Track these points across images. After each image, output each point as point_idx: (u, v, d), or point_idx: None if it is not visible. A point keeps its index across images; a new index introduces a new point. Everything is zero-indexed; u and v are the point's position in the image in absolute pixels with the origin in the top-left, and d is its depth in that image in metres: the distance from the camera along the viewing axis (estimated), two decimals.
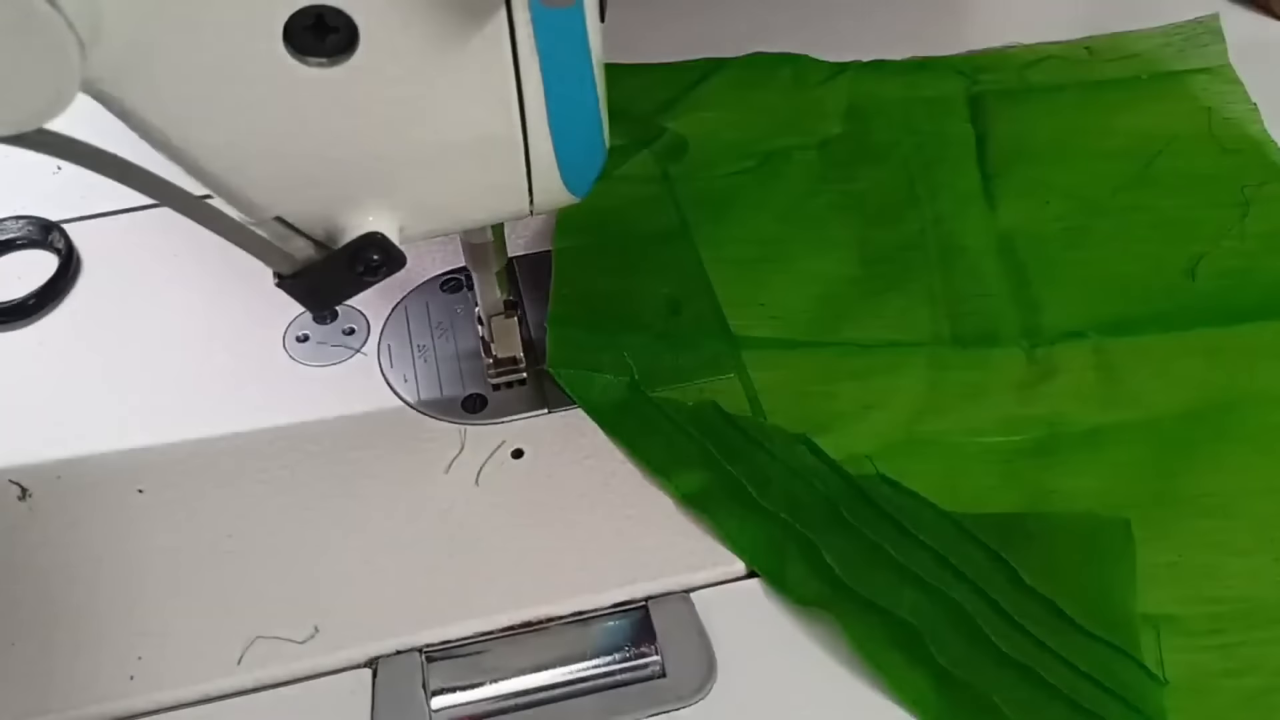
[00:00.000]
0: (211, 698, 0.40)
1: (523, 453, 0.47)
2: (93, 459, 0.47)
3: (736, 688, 0.40)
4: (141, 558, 0.44)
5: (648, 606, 0.42)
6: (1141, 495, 0.45)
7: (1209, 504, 0.44)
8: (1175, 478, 0.45)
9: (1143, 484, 0.45)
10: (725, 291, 0.52)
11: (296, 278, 0.37)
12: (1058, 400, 0.48)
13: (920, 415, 0.47)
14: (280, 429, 0.48)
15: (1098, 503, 0.44)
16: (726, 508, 0.44)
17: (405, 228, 0.38)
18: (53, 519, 0.45)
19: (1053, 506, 0.45)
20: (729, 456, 0.45)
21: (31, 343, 0.52)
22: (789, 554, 0.43)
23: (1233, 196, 0.56)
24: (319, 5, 0.32)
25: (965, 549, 0.42)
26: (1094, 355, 0.49)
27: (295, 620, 0.42)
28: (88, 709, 0.40)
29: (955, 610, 0.41)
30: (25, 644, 0.42)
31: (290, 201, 0.36)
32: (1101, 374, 0.49)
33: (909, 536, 0.43)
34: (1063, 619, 0.40)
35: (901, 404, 0.48)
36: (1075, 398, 0.48)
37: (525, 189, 0.39)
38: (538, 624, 0.42)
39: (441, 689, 0.40)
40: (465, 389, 0.49)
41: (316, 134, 0.35)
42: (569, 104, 0.37)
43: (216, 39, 0.32)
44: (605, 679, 0.41)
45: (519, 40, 0.35)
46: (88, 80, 0.30)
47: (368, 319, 0.52)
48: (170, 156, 0.34)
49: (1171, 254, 0.53)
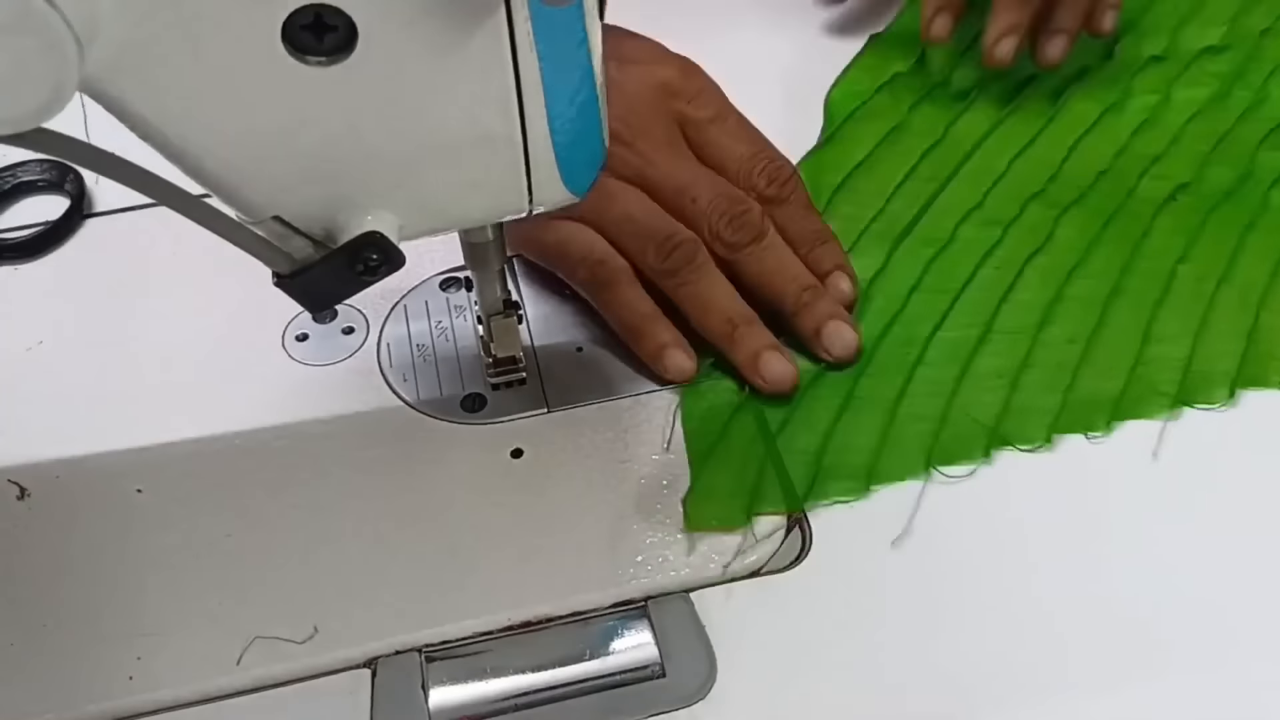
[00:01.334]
0: (211, 697, 0.40)
1: (522, 452, 0.47)
2: (92, 459, 0.47)
3: (736, 688, 0.40)
4: (141, 558, 0.44)
5: (648, 606, 0.42)
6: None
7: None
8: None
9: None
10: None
11: (295, 277, 0.37)
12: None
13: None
14: (280, 428, 0.48)
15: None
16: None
17: (404, 227, 0.38)
18: (52, 519, 0.45)
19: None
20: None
21: (32, 342, 0.52)
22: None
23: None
24: (317, 4, 0.32)
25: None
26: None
27: (295, 620, 0.42)
28: (87, 709, 0.40)
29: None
30: (25, 644, 0.42)
31: (289, 201, 0.36)
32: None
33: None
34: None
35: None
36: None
37: (525, 188, 0.39)
38: (537, 624, 0.42)
39: (441, 689, 0.40)
40: (465, 388, 0.49)
41: (315, 133, 0.35)
42: (569, 103, 0.37)
43: (215, 38, 0.32)
44: (605, 679, 0.40)
45: (518, 39, 0.35)
46: (86, 79, 0.30)
47: (367, 318, 0.52)
48: (168, 155, 0.34)
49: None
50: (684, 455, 0.46)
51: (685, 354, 0.48)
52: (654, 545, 0.43)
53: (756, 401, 0.48)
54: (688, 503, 0.44)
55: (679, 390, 0.48)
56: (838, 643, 0.41)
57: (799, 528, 0.44)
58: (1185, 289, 0.51)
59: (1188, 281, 0.52)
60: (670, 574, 0.43)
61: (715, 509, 0.44)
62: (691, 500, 0.44)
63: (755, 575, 0.43)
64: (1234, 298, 0.51)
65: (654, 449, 0.47)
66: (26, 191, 0.58)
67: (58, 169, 0.57)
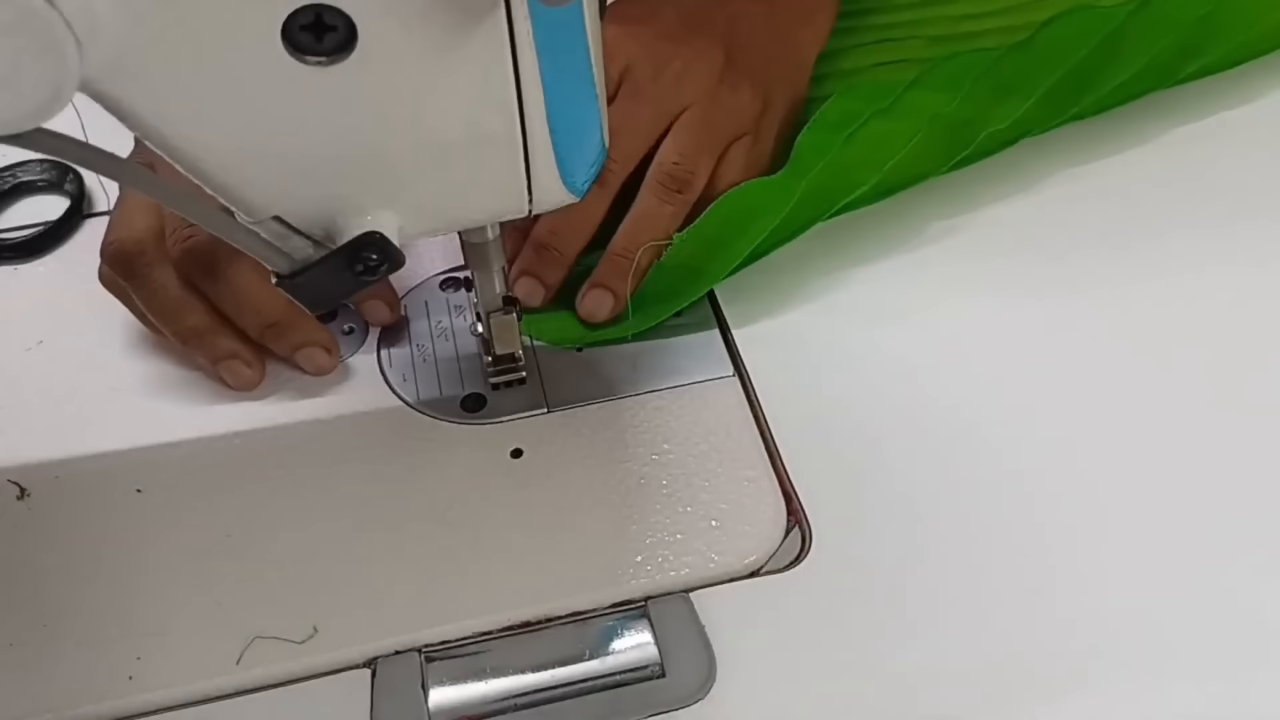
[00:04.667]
0: (210, 697, 0.40)
1: (522, 452, 0.47)
2: (92, 459, 0.47)
3: (736, 688, 0.40)
4: (141, 558, 0.44)
5: (648, 606, 0.42)
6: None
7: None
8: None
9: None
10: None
11: (295, 277, 0.37)
12: None
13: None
14: (280, 429, 0.48)
15: None
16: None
17: (404, 227, 0.38)
18: (52, 519, 0.45)
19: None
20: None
21: (32, 342, 0.52)
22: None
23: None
24: (317, 4, 0.32)
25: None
26: None
27: (294, 620, 0.42)
28: (87, 709, 0.40)
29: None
30: (25, 644, 0.42)
31: (288, 201, 0.36)
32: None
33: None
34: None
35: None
36: None
37: (524, 188, 0.39)
38: (537, 624, 0.42)
39: (441, 689, 0.40)
40: (464, 388, 0.49)
41: (315, 133, 0.35)
42: (568, 103, 0.37)
43: (214, 37, 0.32)
44: (605, 679, 0.40)
45: (518, 39, 0.35)
46: (85, 79, 0.30)
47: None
48: (168, 155, 0.34)
49: None
50: (684, 455, 0.46)
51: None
52: (654, 545, 0.43)
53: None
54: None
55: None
56: (837, 642, 0.41)
57: (799, 528, 0.44)
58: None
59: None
60: (670, 574, 0.43)
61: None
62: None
63: (755, 575, 0.43)
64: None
65: (654, 449, 0.47)
66: (26, 191, 0.58)
67: (58, 169, 0.57)
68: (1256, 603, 0.42)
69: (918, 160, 0.54)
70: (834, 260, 0.53)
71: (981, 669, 0.40)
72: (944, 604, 0.42)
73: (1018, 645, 0.41)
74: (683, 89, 0.52)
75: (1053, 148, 0.57)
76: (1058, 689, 0.40)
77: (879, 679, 0.40)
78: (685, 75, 0.52)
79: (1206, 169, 0.57)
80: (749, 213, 0.51)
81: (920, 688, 0.40)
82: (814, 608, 0.42)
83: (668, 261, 0.50)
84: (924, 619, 0.42)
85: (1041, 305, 0.51)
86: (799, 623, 0.41)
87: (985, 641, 0.41)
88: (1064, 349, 0.50)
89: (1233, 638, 0.41)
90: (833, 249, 0.54)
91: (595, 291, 0.50)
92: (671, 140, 0.51)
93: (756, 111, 0.54)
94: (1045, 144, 0.57)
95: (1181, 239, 0.54)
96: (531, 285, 0.51)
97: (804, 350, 0.50)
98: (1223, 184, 0.56)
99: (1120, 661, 0.40)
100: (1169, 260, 0.53)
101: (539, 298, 0.51)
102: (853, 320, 0.51)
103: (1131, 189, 0.56)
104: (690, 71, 0.52)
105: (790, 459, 0.46)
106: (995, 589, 0.42)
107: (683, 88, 0.52)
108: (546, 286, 0.51)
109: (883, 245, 0.54)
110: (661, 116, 0.52)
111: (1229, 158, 0.57)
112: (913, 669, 0.40)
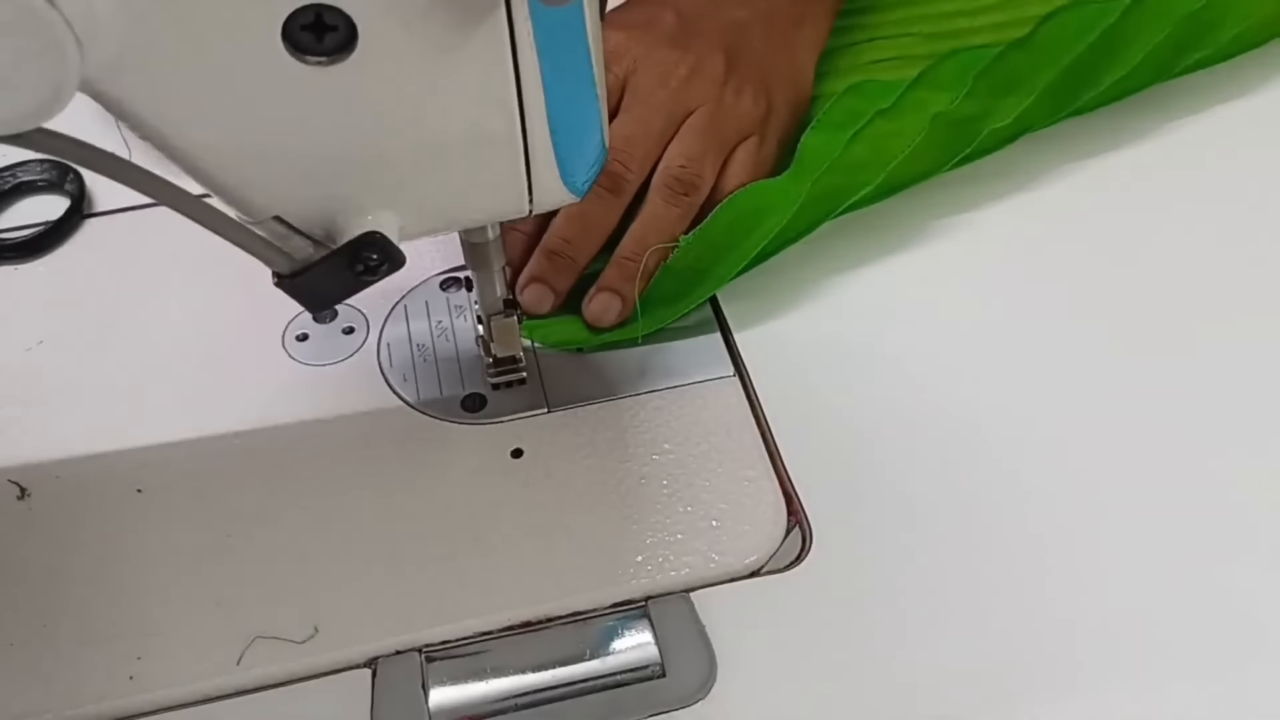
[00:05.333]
0: (211, 697, 0.40)
1: (522, 452, 0.47)
2: (92, 459, 0.47)
3: (736, 688, 0.40)
4: (141, 558, 0.44)
5: (648, 606, 0.42)
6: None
7: None
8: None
9: None
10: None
11: (295, 277, 0.37)
12: None
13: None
14: (279, 428, 0.48)
15: None
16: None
17: (405, 227, 0.38)
18: (52, 519, 0.45)
19: None
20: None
21: (32, 342, 0.52)
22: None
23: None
24: (318, 4, 0.32)
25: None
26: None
27: (295, 620, 0.42)
28: (88, 709, 0.40)
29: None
30: (25, 644, 0.42)
31: (289, 201, 0.36)
32: None
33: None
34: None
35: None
36: None
37: (525, 188, 0.39)
38: (537, 624, 0.42)
39: (441, 689, 0.40)
40: (465, 388, 0.49)
41: (315, 133, 0.35)
42: (569, 103, 0.37)
43: (215, 37, 0.32)
44: (605, 679, 0.40)
45: (518, 39, 0.35)
46: (86, 79, 0.30)
47: (368, 318, 0.52)
48: (168, 156, 0.34)
49: None
50: (684, 455, 0.46)
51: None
52: (654, 545, 0.43)
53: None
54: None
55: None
56: (837, 643, 0.41)
57: (799, 528, 0.44)
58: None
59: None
60: (670, 574, 0.43)
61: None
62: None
63: (755, 575, 0.43)
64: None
65: (654, 449, 0.47)
66: (26, 191, 0.58)
67: (58, 169, 0.57)
68: (1254, 602, 0.42)
69: (922, 158, 0.54)
70: (834, 260, 0.53)
71: (981, 669, 0.40)
72: (944, 604, 0.42)
73: (1017, 645, 0.41)
74: (689, 94, 0.52)
75: (1051, 144, 0.57)
76: (1057, 689, 0.40)
77: (879, 679, 0.40)
78: (690, 80, 0.52)
79: (1205, 163, 0.57)
80: (755, 214, 0.51)
81: (920, 688, 0.40)
82: (814, 608, 0.42)
83: (674, 264, 0.50)
84: (924, 619, 0.42)
85: (1042, 305, 0.51)
86: (799, 623, 0.41)
87: (985, 641, 0.41)
88: (1064, 349, 0.50)
89: (1231, 637, 0.41)
90: (833, 249, 0.53)
91: (603, 295, 0.50)
92: (677, 144, 0.51)
93: (760, 114, 0.54)
94: (1044, 141, 0.57)
95: (1181, 234, 0.54)
96: (541, 292, 0.50)
97: (804, 350, 0.50)
98: (1222, 177, 0.56)
99: (1119, 661, 0.40)
100: (1169, 257, 0.53)
101: (548, 304, 0.51)
102: (853, 320, 0.51)
103: (1131, 185, 0.56)
104: (695, 76, 0.53)
105: (790, 459, 0.46)
106: (995, 589, 0.42)
107: (688, 92, 0.52)
108: (556, 294, 0.51)
109: (883, 245, 0.54)
110: (671, 122, 0.52)
111: (1227, 151, 0.57)
112: (912, 669, 0.40)
